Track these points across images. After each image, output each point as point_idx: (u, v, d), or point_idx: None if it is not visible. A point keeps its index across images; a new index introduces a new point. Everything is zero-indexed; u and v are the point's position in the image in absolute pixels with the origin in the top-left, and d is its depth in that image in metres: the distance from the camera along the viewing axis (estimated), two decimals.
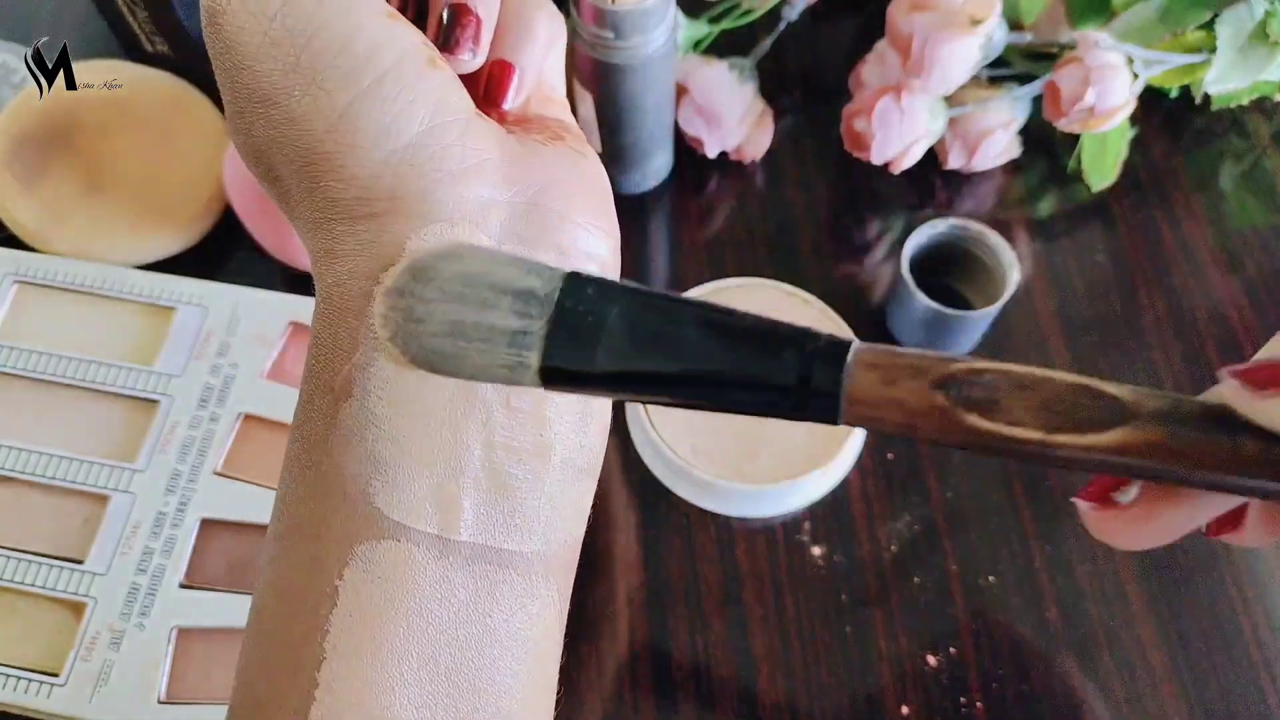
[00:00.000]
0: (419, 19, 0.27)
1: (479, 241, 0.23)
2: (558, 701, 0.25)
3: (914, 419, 0.20)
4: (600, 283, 0.22)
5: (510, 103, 0.26)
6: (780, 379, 0.21)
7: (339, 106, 0.23)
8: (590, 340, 0.22)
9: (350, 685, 0.22)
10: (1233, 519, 0.23)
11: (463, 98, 0.24)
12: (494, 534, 0.23)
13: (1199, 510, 0.22)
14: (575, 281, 0.22)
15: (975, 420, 0.20)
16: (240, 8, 0.23)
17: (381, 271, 0.23)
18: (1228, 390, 0.19)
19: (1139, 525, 0.22)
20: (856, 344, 0.21)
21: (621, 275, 0.25)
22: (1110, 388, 0.20)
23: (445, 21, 0.25)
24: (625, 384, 0.22)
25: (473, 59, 0.26)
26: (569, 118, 0.28)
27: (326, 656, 0.22)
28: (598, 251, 0.25)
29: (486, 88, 0.26)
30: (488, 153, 0.24)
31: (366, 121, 0.23)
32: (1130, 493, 0.22)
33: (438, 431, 0.23)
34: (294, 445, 0.24)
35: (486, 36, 0.26)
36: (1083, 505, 0.23)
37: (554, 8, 0.28)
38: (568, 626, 0.25)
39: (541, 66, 0.27)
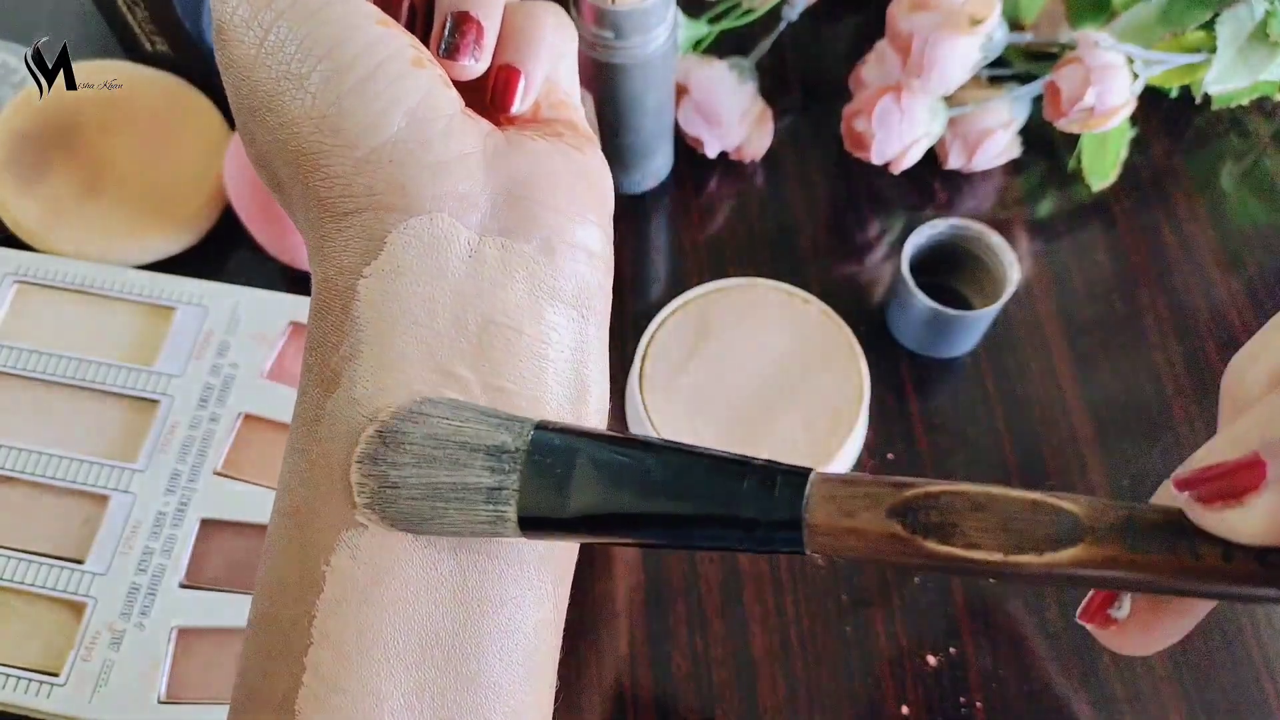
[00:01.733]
0: (429, 27, 0.27)
1: (459, 235, 0.24)
2: (556, 700, 0.25)
3: (875, 548, 0.20)
4: (567, 431, 0.23)
5: (518, 107, 0.27)
6: (743, 516, 0.21)
7: (322, 108, 0.24)
8: (561, 490, 0.22)
9: (336, 670, 0.22)
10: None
11: (448, 97, 0.25)
12: None
13: (1195, 610, 0.22)
14: (543, 433, 0.23)
15: (934, 546, 0.20)
16: (240, 21, 0.24)
17: (364, 265, 0.24)
18: (1180, 499, 0.19)
19: (1142, 635, 0.22)
20: (813, 476, 0.21)
21: (622, 277, 0.25)
22: (1065, 502, 0.20)
23: (448, 29, 0.26)
24: (598, 527, 0.22)
25: (475, 64, 0.26)
26: (579, 120, 0.28)
27: (313, 641, 0.22)
28: (587, 242, 0.25)
29: (493, 93, 0.27)
30: (470, 148, 0.24)
31: (349, 121, 0.24)
32: (1124, 607, 0.22)
33: None
34: (291, 434, 0.25)
35: (489, 43, 0.26)
36: (1088, 625, 0.23)
37: (565, 17, 0.28)
38: (568, 626, 0.25)
39: (548, 72, 0.27)
